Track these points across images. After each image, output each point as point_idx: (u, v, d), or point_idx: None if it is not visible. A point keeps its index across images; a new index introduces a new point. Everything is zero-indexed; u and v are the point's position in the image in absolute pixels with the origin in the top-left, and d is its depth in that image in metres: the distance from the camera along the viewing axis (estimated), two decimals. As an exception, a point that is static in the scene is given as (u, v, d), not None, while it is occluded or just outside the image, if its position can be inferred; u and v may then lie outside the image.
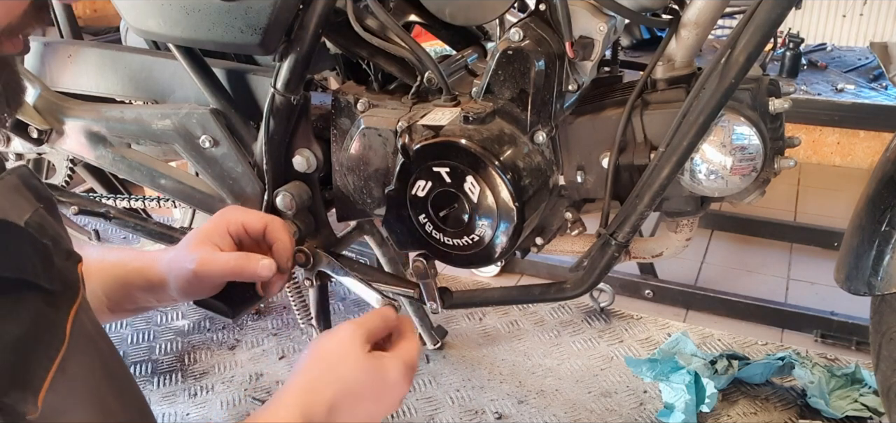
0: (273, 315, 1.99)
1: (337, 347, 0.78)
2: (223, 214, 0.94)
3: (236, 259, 0.88)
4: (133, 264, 0.90)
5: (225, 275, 0.89)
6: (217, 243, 0.90)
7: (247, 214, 0.94)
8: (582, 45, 1.02)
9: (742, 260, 2.38)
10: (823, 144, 3.12)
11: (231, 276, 0.89)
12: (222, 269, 0.88)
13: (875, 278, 1.02)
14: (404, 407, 1.64)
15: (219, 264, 0.88)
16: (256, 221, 0.93)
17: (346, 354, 0.77)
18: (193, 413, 1.65)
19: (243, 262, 0.88)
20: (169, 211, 1.61)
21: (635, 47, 3.35)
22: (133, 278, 0.90)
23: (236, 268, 0.88)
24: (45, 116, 1.35)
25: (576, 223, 1.14)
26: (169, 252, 0.90)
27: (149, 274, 0.89)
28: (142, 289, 0.90)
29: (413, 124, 1.03)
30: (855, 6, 3.54)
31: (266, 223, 0.93)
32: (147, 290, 0.90)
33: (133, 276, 0.90)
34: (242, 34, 1.07)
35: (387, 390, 0.78)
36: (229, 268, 0.88)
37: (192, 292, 0.89)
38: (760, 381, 1.66)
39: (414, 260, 1.07)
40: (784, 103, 1.00)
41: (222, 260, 0.88)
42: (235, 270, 0.88)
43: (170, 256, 0.89)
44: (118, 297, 0.90)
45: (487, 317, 1.97)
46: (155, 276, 0.89)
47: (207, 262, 0.87)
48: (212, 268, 0.87)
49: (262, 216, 0.94)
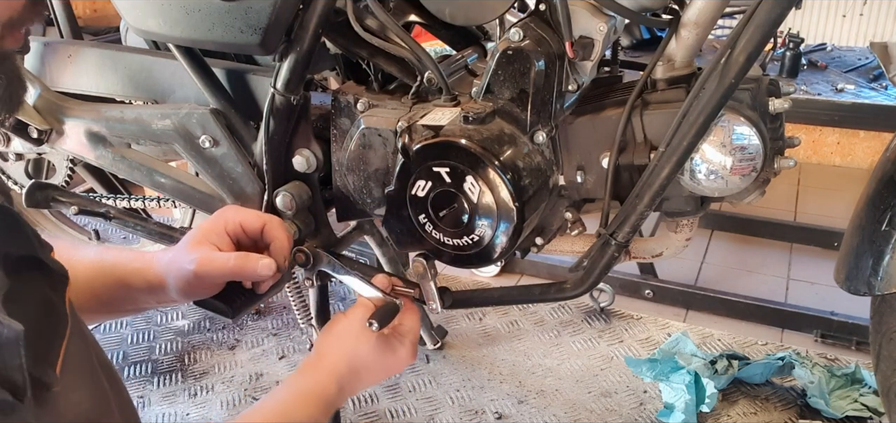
0: (273, 315, 1.99)
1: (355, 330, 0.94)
2: (221, 213, 0.94)
3: (236, 259, 0.89)
4: (132, 264, 0.90)
5: (224, 275, 0.89)
6: (215, 242, 0.90)
7: (244, 213, 0.94)
8: (582, 45, 1.02)
9: (742, 260, 2.38)
10: (823, 144, 3.12)
11: (231, 276, 0.89)
12: (222, 269, 0.88)
13: (875, 278, 1.02)
14: (404, 407, 1.64)
15: (218, 263, 0.88)
16: (254, 220, 0.93)
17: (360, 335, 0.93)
18: (193, 413, 1.65)
19: (243, 261, 0.89)
20: (169, 211, 1.61)
21: (635, 47, 3.35)
22: (133, 279, 0.90)
23: (236, 268, 0.88)
24: (45, 116, 1.35)
25: (576, 223, 1.14)
26: (167, 253, 0.90)
27: (148, 275, 0.89)
28: (142, 290, 0.90)
29: (413, 124, 1.03)
30: (855, 6, 3.54)
31: (264, 223, 0.94)
32: (147, 291, 0.90)
33: (132, 277, 0.90)
34: (242, 34, 1.07)
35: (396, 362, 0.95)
36: (229, 268, 0.88)
37: (192, 293, 0.90)
38: (760, 381, 1.66)
39: (414, 260, 1.07)
40: (784, 103, 1.00)
41: (222, 260, 0.88)
42: (235, 269, 0.88)
43: (168, 256, 0.90)
44: (118, 297, 0.90)
45: (487, 317, 1.97)
46: (154, 277, 0.89)
47: (207, 262, 0.87)
48: (211, 268, 0.87)
49: (260, 216, 0.94)
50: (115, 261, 0.91)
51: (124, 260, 0.91)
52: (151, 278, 0.89)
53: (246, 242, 0.94)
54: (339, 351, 0.91)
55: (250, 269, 0.89)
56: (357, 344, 0.92)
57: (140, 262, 0.91)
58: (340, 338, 0.93)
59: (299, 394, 0.86)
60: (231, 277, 0.90)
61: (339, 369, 0.90)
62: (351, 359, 0.91)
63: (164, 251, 0.92)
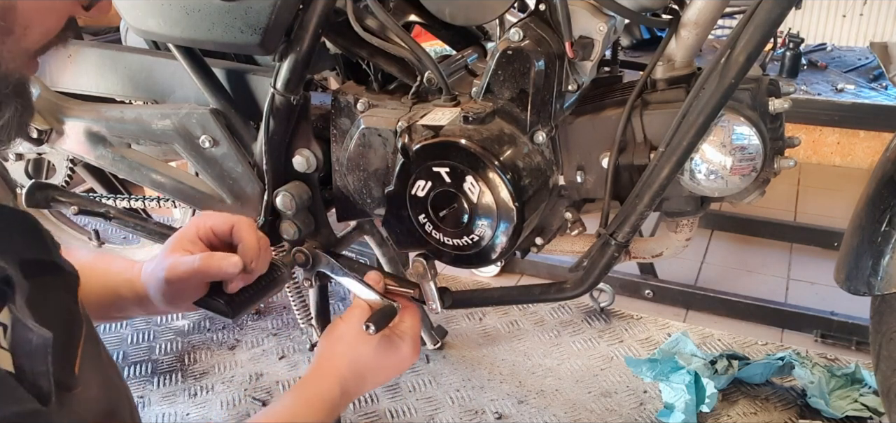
0: (273, 315, 1.99)
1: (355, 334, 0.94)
2: (194, 220, 0.96)
3: (201, 259, 0.89)
4: (122, 274, 0.92)
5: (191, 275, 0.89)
6: (188, 248, 0.91)
7: (214, 217, 0.95)
8: (582, 45, 1.02)
9: (742, 260, 2.38)
10: (823, 144, 3.12)
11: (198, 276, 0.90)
12: (188, 270, 0.88)
13: (875, 278, 1.02)
14: (404, 407, 1.64)
15: (184, 266, 0.88)
16: (222, 223, 0.94)
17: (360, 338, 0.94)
18: (193, 413, 1.65)
19: (207, 261, 0.89)
20: (169, 211, 1.61)
21: (635, 47, 3.35)
22: (123, 289, 0.91)
23: (202, 268, 0.89)
24: (46, 116, 1.35)
25: (576, 223, 1.14)
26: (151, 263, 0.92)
27: (136, 286, 0.91)
28: (130, 300, 0.92)
29: (413, 124, 1.03)
30: (855, 6, 3.54)
31: (232, 224, 0.94)
32: (135, 302, 0.92)
33: (123, 287, 0.91)
34: (242, 34, 1.07)
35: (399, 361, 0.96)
36: (194, 268, 0.89)
37: (173, 299, 0.91)
38: (760, 381, 1.66)
39: (414, 260, 1.07)
40: (784, 103, 1.00)
41: (187, 262, 0.89)
42: (201, 269, 0.89)
43: (151, 267, 0.91)
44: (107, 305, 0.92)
45: (487, 317, 1.97)
46: (140, 288, 0.91)
47: (174, 266, 0.88)
48: (178, 271, 0.88)
49: (228, 218, 0.94)
50: (107, 269, 0.92)
51: (115, 269, 0.92)
52: (138, 289, 0.91)
53: (219, 245, 0.94)
54: (339, 355, 0.93)
55: (215, 267, 0.89)
56: (357, 346, 0.93)
57: (129, 272, 0.92)
58: (340, 342, 0.94)
59: (304, 400, 0.87)
60: (198, 277, 0.90)
61: (341, 372, 0.91)
62: (352, 361, 0.92)
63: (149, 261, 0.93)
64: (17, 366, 0.49)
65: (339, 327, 0.96)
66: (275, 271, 1.00)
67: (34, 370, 0.50)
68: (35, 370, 0.50)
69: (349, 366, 0.92)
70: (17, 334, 0.50)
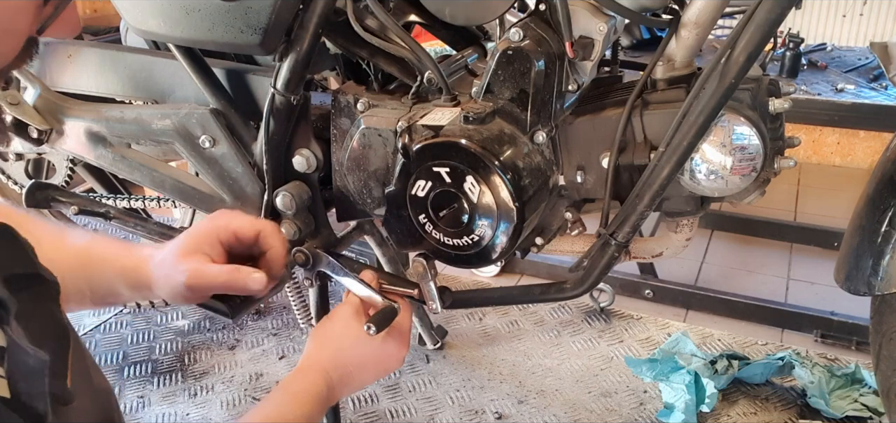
0: (273, 315, 1.99)
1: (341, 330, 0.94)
2: (214, 220, 0.93)
3: (228, 273, 0.88)
4: (120, 261, 0.90)
5: (215, 288, 0.89)
6: (208, 252, 0.90)
7: (238, 221, 0.93)
8: (582, 45, 1.02)
9: (742, 260, 2.38)
10: (823, 144, 3.12)
11: (221, 289, 0.89)
12: (212, 282, 0.88)
13: (875, 278, 1.02)
14: (404, 407, 1.64)
15: (209, 277, 0.88)
16: (249, 229, 0.93)
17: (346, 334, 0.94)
18: (193, 413, 1.65)
19: (235, 275, 0.89)
20: (169, 211, 1.61)
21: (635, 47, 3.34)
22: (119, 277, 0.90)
23: (228, 282, 0.88)
24: (45, 116, 1.35)
25: (576, 223, 1.14)
26: (157, 254, 0.90)
27: (136, 276, 0.89)
28: (128, 287, 0.90)
29: (413, 124, 1.03)
30: (855, 6, 3.54)
31: (258, 231, 0.93)
32: (133, 289, 0.90)
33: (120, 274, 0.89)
34: (242, 34, 1.07)
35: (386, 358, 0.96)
36: (220, 282, 0.88)
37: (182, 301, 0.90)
38: (760, 381, 1.66)
39: (414, 260, 1.07)
40: (784, 103, 1.00)
41: (213, 273, 0.88)
42: (227, 284, 0.88)
43: (158, 259, 0.89)
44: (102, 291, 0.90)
45: (487, 317, 1.97)
46: (143, 278, 0.89)
47: (198, 275, 0.88)
48: (202, 281, 0.88)
49: (255, 223, 0.93)
50: (104, 254, 0.90)
51: (112, 255, 0.90)
52: (140, 279, 0.89)
53: (239, 249, 0.94)
54: (324, 350, 0.92)
55: (241, 283, 0.89)
56: (342, 341, 0.93)
57: (129, 260, 0.90)
58: (325, 337, 0.94)
59: (292, 395, 0.87)
60: (221, 290, 0.90)
61: (325, 367, 0.91)
62: (335, 356, 0.92)
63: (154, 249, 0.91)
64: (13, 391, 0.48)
65: (324, 325, 0.97)
66: None
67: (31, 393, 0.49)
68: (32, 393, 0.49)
69: (332, 360, 0.91)
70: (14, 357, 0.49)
